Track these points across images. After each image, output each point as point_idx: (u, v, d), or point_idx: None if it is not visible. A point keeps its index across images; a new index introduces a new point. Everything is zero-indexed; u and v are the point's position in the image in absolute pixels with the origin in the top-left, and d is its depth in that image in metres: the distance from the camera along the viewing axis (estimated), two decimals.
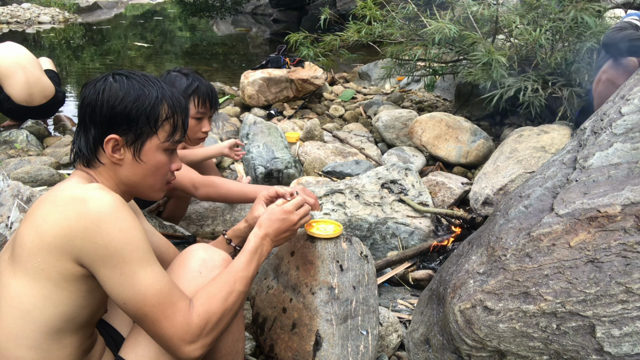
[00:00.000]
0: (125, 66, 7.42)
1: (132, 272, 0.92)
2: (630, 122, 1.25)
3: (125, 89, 1.04)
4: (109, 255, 0.91)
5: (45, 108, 3.69)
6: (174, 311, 0.95)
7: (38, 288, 0.92)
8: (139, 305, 0.93)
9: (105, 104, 1.03)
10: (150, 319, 0.93)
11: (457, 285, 1.27)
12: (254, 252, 1.16)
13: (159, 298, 0.94)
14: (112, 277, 0.92)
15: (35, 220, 0.93)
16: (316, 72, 4.74)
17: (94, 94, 1.04)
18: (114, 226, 0.91)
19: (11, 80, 3.47)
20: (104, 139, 1.04)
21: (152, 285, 0.93)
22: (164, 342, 0.96)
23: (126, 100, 1.04)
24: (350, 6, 8.31)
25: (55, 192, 0.97)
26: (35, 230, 0.92)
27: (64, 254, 0.91)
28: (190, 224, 2.37)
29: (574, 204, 1.16)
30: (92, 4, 16.25)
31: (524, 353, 1.16)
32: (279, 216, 1.24)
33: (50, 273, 0.92)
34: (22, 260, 0.92)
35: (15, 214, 2.06)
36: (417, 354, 1.43)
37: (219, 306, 1.02)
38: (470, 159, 3.15)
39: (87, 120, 1.05)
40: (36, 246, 0.91)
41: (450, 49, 3.70)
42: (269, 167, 2.99)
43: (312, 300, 1.40)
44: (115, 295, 0.93)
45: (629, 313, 1.07)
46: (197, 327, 0.97)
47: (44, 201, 0.95)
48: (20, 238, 0.93)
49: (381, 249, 2.19)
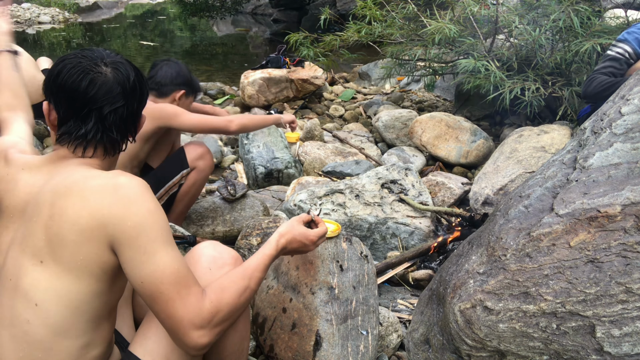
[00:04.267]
0: None
1: (154, 251, 0.94)
2: (630, 122, 1.25)
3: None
4: (136, 236, 0.93)
5: (41, 107, 3.67)
6: (189, 293, 0.96)
7: (84, 284, 0.94)
8: (156, 282, 0.94)
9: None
10: (165, 297, 0.94)
11: (457, 285, 1.27)
12: (272, 258, 1.17)
13: (176, 277, 0.95)
14: (135, 257, 0.94)
15: (69, 217, 0.93)
16: (316, 72, 4.74)
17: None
18: (142, 207, 0.94)
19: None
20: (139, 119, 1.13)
21: (171, 264, 0.95)
22: (174, 323, 0.96)
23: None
24: (350, 6, 8.31)
25: (77, 184, 0.96)
26: (72, 228, 0.92)
27: (101, 245, 0.93)
28: (190, 224, 2.37)
29: (574, 204, 1.16)
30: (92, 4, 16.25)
31: (524, 353, 1.16)
32: (303, 240, 1.24)
33: (92, 268, 0.94)
34: (64, 260, 0.93)
35: None
36: (417, 354, 1.43)
37: (232, 298, 1.03)
38: (470, 159, 3.15)
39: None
40: (77, 244, 0.93)
41: (450, 49, 3.70)
42: (269, 167, 2.99)
43: (312, 300, 1.40)
44: (134, 274, 0.94)
45: (629, 313, 1.07)
46: (208, 313, 0.98)
47: (70, 196, 0.94)
48: (57, 238, 0.93)
49: (381, 249, 2.19)
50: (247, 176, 3.11)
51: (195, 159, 2.20)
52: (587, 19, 3.02)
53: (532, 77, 3.00)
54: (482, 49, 3.32)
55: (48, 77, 1.06)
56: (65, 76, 1.02)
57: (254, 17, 14.58)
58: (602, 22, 3.26)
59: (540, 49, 3.14)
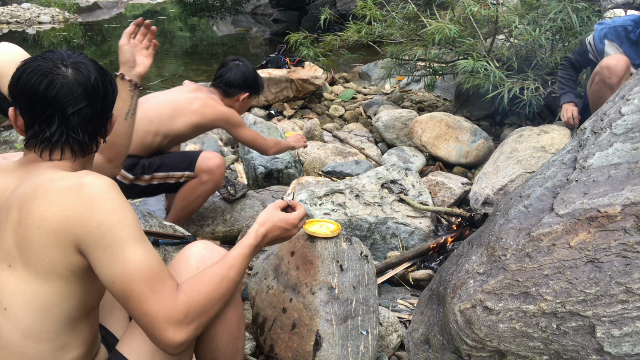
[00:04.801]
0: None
1: (122, 250, 0.92)
2: (630, 122, 1.25)
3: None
4: (101, 235, 0.91)
5: None
6: (162, 288, 0.94)
7: (53, 287, 0.93)
8: (127, 280, 0.92)
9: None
10: (137, 294, 0.92)
11: (457, 285, 1.27)
12: (252, 248, 1.14)
13: (147, 274, 0.93)
14: (103, 257, 0.92)
15: (34, 221, 0.91)
16: (316, 72, 4.74)
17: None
18: (105, 207, 0.92)
19: (6, 80, 3.44)
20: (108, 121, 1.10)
21: (141, 261, 0.93)
22: (149, 321, 0.93)
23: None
24: (350, 6, 8.31)
25: (42, 187, 0.94)
26: (38, 231, 0.91)
27: (67, 247, 0.91)
28: (190, 224, 2.37)
29: (574, 204, 1.16)
30: (92, 4, 16.26)
31: (524, 353, 1.16)
32: (284, 226, 1.22)
33: (60, 271, 0.92)
34: (31, 263, 0.92)
35: None
36: (417, 354, 1.43)
37: (207, 288, 1.00)
38: (470, 159, 3.15)
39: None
40: (42, 247, 0.91)
41: (450, 49, 3.70)
42: (269, 167, 2.99)
43: (312, 300, 1.40)
44: (105, 274, 0.92)
45: (629, 313, 1.07)
46: (183, 305, 0.95)
47: (35, 200, 0.93)
48: (23, 242, 0.92)
49: (381, 249, 2.19)
50: (247, 176, 3.11)
51: (203, 170, 2.16)
52: (587, 18, 3.02)
53: (532, 77, 3.00)
54: (482, 49, 3.32)
55: (10, 83, 1.04)
56: (25, 80, 1.01)
57: (254, 17, 14.58)
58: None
59: (540, 48, 3.14)
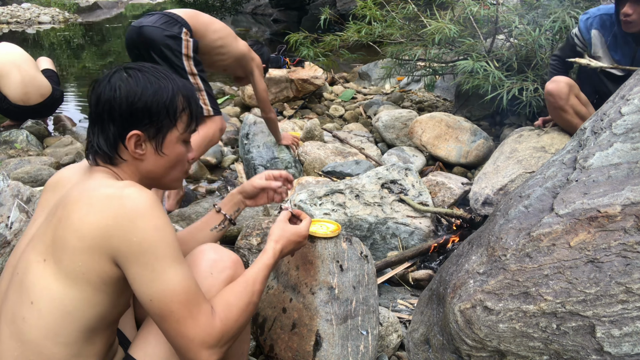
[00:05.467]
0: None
1: (162, 269, 0.92)
2: (630, 122, 1.25)
3: (142, 84, 1.04)
4: (142, 252, 0.91)
5: (42, 107, 3.68)
6: (199, 311, 0.95)
7: (79, 291, 0.93)
8: (166, 301, 0.92)
9: (125, 101, 1.03)
10: (176, 316, 0.93)
11: (457, 285, 1.27)
12: (271, 267, 1.16)
13: (187, 296, 0.94)
14: (143, 274, 0.92)
15: (73, 222, 0.93)
16: (316, 72, 4.73)
17: (110, 90, 1.03)
18: (149, 223, 0.92)
19: (6, 80, 3.46)
20: (126, 136, 1.04)
21: (180, 283, 0.94)
22: (185, 343, 0.95)
23: (145, 95, 1.04)
24: (350, 6, 8.31)
25: (87, 192, 0.96)
26: (75, 234, 0.92)
27: (102, 255, 0.92)
28: (190, 224, 2.37)
29: (574, 204, 1.16)
30: (92, 4, 16.26)
31: (524, 353, 1.16)
32: (296, 239, 1.25)
33: (90, 277, 0.93)
34: (64, 263, 0.93)
35: (15, 214, 2.06)
36: (417, 354, 1.43)
37: (239, 315, 1.02)
38: (470, 159, 3.15)
39: (105, 118, 1.05)
40: (77, 250, 0.92)
41: (450, 49, 3.70)
42: (269, 167, 2.99)
43: (312, 300, 1.40)
44: (142, 291, 0.93)
45: (629, 313, 1.07)
46: (219, 332, 0.97)
47: (78, 202, 0.95)
48: (60, 241, 0.93)
49: (381, 249, 2.19)
50: (247, 176, 3.11)
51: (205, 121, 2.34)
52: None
53: (532, 77, 3.00)
54: (482, 49, 3.32)
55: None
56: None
57: (254, 17, 14.57)
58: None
59: (540, 49, 3.14)
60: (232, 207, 1.41)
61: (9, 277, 1.03)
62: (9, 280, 1.02)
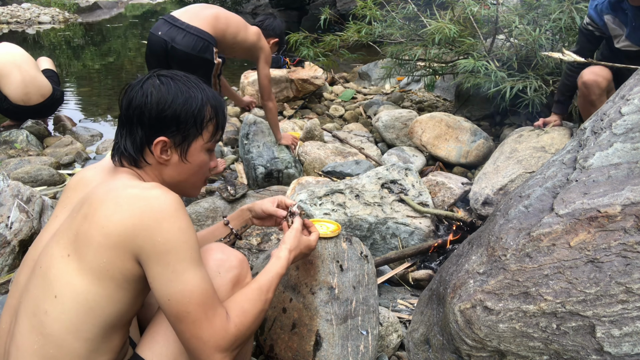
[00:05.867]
0: (125, 65, 7.42)
1: (182, 271, 0.95)
2: (630, 122, 1.25)
3: (174, 92, 1.08)
4: (166, 252, 0.94)
5: (43, 107, 3.69)
6: (215, 314, 0.97)
7: (103, 287, 0.95)
8: (184, 302, 0.94)
9: (155, 107, 1.07)
10: (192, 317, 0.95)
11: (457, 285, 1.27)
12: (282, 274, 1.18)
13: (204, 298, 0.96)
14: (163, 274, 0.94)
15: (99, 220, 0.95)
16: (316, 72, 4.73)
17: (141, 96, 1.07)
18: (174, 224, 0.95)
19: (7, 80, 3.47)
20: (153, 141, 1.08)
21: (199, 285, 0.96)
22: (199, 345, 0.96)
23: (175, 103, 1.08)
24: (350, 6, 8.31)
25: (114, 191, 0.99)
26: (101, 231, 0.94)
27: (127, 253, 0.94)
28: None
29: (574, 204, 1.16)
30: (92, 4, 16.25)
31: (524, 353, 1.16)
32: (306, 251, 1.29)
33: (114, 273, 0.95)
34: (88, 259, 0.94)
35: (15, 214, 2.06)
36: (417, 354, 1.43)
37: (252, 322, 1.04)
38: (470, 159, 3.15)
39: (134, 122, 1.08)
40: (102, 246, 0.94)
41: (450, 49, 3.70)
42: (269, 167, 2.99)
43: (312, 300, 1.40)
44: (161, 290, 0.95)
45: (629, 313, 1.07)
46: (233, 336, 0.99)
47: (105, 201, 0.97)
48: (85, 238, 0.95)
49: (381, 249, 2.19)
50: (247, 176, 3.11)
51: None
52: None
53: (533, 76, 3.00)
54: (482, 49, 3.32)
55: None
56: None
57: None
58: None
59: (540, 49, 3.13)
60: (240, 222, 1.44)
61: (29, 271, 1.04)
62: (29, 274, 1.03)
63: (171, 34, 2.61)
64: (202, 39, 2.61)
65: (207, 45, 2.62)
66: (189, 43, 2.59)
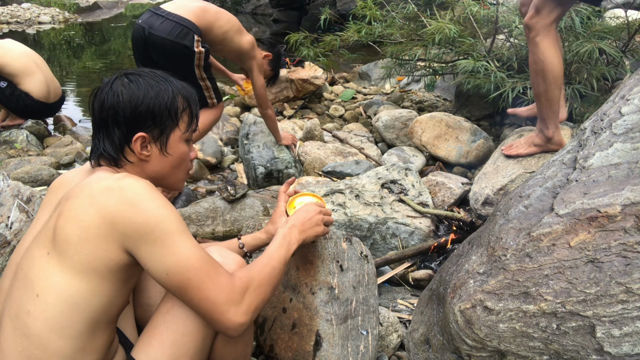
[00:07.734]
0: (125, 65, 7.43)
1: (172, 242, 0.96)
2: (630, 122, 1.25)
3: (144, 88, 1.09)
4: (150, 231, 0.95)
5: (56, 106, 3.79)
6: (217, 273, 0.99)
7: (86, 281, 0.95)
8: (182, 271, 0.96)
9: (128, 105, 1.08)
10: (195, 282, 0.96)
11: (457, 285, 1.27)
12: (283, 237, 1.20)
13: (201, 262, 0.98)
14: (154, 251, 0.95)
15: (76, 214, 0.96)
16: (316, 72, 4.73)
17: (113, 96, 1.08)
18: (150, 204, 0.96)
19: (32, 78, 3.54)
20: (131, 138, 1.09)
21: (192, 251, 0.97)
22: (210, 306, 0.97)
23: (147, 98, 1.09)
24: (350, 6, 8.31)
25: (88, 185, 1.00)
26: (78, 224, 0.95)
27: (109, 243, 0.95)
28: (190, 224, 2.37)
29: (574, 204, 1.16)
30: (92, 4, 16.25)
31: (524, 353, 1.16)
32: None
33: (96, 265, 0.95)
34: (68, 254, 0.95)
35: (15, 214, 2.06)
36: (417, 354, 1.43)
37: (258, 273, 1.07)
38: (470, 159, 3.15)
39: (109, 123, 1.09)
40: (82, 240, 0.94)
41: (450, 49, 3.70)
42: (269, 167, 2.99)
43: (312, 300, 1.40)
44: (157, 268, 0.96)
45: (629, 313, 1.07)
46: (240, 287, 1.00)
47: (79, 196, 0.98)
48: (63, 233, 0.95)
49: (381, 249, 2.19)
50: (247, 176, 3.11)
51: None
52: (587, 18, 3.02)
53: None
54: (482, 49, 3.32)
55: None
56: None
57: (254, 17, 14.56)
58: (602, 22, 3.26)
59: None
60: (255, 247, 1.44)
61: (11, 275, 1.04)
62: (12, 278, 1.03)
63: (150, 21, 2.48)
64: (181, 24, 2.46)
65: (186, 31, 2.45)
66: (166, 28, 2.44)
